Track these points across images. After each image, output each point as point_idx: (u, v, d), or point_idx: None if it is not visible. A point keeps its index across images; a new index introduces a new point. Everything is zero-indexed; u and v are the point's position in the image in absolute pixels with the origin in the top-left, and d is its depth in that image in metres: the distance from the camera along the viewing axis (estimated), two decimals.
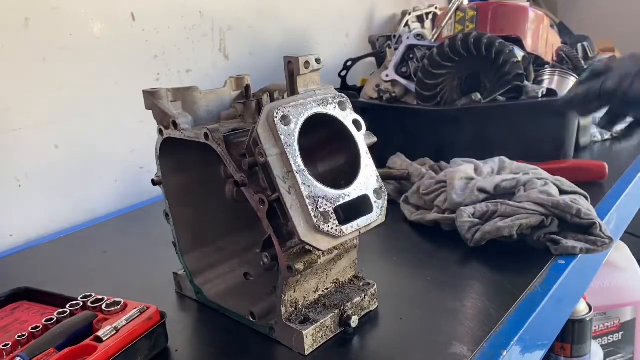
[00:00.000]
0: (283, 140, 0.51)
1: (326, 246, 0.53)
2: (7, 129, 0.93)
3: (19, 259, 0.89)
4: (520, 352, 0.58)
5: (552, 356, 1.01)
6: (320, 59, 0.57)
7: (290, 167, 0.50)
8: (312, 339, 0.57)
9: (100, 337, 0.52)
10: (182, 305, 0.70)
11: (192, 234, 0.70)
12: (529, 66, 1.16)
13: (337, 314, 0.59)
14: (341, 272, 0.63)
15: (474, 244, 0.76)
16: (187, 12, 1.19)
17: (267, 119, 0.51)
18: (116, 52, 1.07)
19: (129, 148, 1.12)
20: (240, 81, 0.68)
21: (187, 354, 0.60)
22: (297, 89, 0.56)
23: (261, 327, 0.61)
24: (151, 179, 0.67)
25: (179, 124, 0.60)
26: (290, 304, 0.58)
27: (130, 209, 1.10)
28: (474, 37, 1.08)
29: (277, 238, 0.55)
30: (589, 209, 0.76)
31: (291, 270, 0.54)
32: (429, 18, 1.68)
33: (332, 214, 0.52)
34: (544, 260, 0.72)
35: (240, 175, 0.55)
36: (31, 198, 0.97)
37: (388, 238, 0.84)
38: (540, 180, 0.83)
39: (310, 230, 0.51)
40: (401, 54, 1.22)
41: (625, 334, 1.29)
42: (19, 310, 0.63)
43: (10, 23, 0.92)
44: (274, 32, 1.41)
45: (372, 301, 0.64)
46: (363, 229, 0.55)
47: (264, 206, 0.53)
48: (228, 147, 0.56)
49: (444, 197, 0.86)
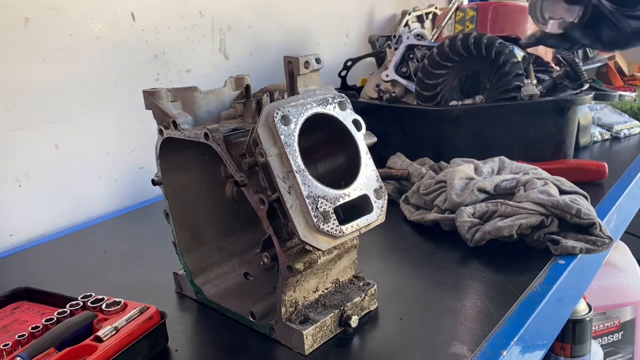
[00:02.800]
0: (283, 140, 0.51)
1: (326, 246, 0.53)
2: (7, 129, 0.93)
3: (19, 259, 0.89)
4: (520, 352, 0.58)
5: (552, 356, 1.01)
6: (320, 58, 0.57)
7: (290, 167, 0.50)
8: (312, 338, 0.57)
9: (100, 337, 0.52)
10: (182, 306, 0.70)
11: (192, 234, 0.70)
12: (528, 66, 1.16)
13: (337, 314, 0.59)
14: (341, 272, 0.63)
15: (474, 244, 0.76)
16: (187, 12, 1.19)
17: (267, 119, 0.51)
18: (116, 52, 1.07)
19: (129, 148, 1.12)
20: (240, 81, 0.68)
21: (187, 354, 0.60)
22: (297, 89, 0.56)
23: (261, 327, 0.61)
24: (151, 179, 0.67)
25: (179, 124, 0.60)
26: (290, 304, 0.58)
27: (130, 209, 1.10)
28: (474, 37, 1.08)
29: (277, 238, 0.55)
30: (589, 208, 0.76)
31: (291, 270, 0.54)
32: (429, 18, 1.68)
33: (332, 214, 0.52)
34: (544, 260, 0.72)
35: (240, 175, 0.55)
36: (31, 198, 0.97)
37: (388, 238, 0.84)
38: (540, 180, 0.83)
39: (310, 230, 0.51)
40: (401, 54, 1.22)
41: (625, 334, 1.29)
42: (19, 310, 0.63)
43: (10, 23, 0.92)
44: (274, 32, 1.41)
45: (372, 301, 0.64)
46: (363, 228, 0.55)
47: (264, 206, 0.53)
48: (228, 147, 0.56)
49: (443, 197, 0.86)
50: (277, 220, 0.54)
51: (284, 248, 0.55)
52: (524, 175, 0.87)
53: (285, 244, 0.55)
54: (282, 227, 0.55)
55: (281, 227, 0.55)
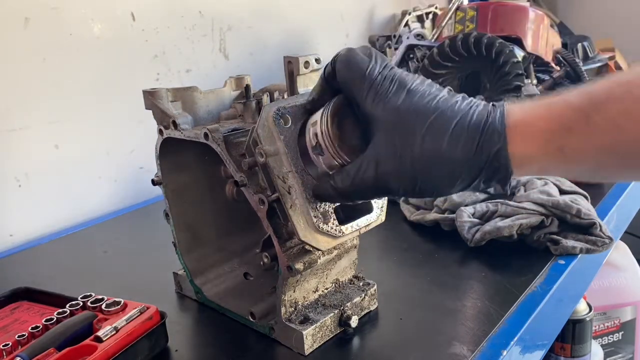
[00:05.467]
0: (283, 140, 0.51)
1: (326, 246, 0.53)
2: (7, 129, 0.93)
3: (19, 259, 0.89)
4: (520, 352, 0.58)
5: (552, 356, 1.01)
6: (320, 58, 0.57)
7: (290, 167, 0.50)
8: (312, 339, 0.57)
9: (100, 337, 0.52)
10: (182, 306, 0.70)
11: (192, 234, 0.70)
12: (529, 66, 1.16)
13: (336, 314, 0.59)
14: (341, 272, 0.63)
15: (474, 244, 0.76)
16: (187, 12, 1.19)
17: (266, 119, 0.51)
18: (116, 52, 1.07)
19: (128, 148, 1.12)
20: (240, 81, 0.68)
21: (187, 354, 0.60)
22: (297, 89, 0.56)
23: (261, 327, 0.61)
24: (151, 179, 0.67)
25: (178, 124, 0.60)
26: (290, 304, 0.58)
27: (130, 209, 1.10)
28: (474, 37, 1.08)
29: (276, 238, 0.55)
30: (589, 209, 0.76)
31: (291, 270, 0.54)
32: (429, 18, 1.68)
33: (332, 214, 0.52)
34: (544, 260, 0.72)
35: (240, 175, 0.55)
36: (31, 198, 0.97)
37: (388, 238, 0.84)
38: (540, 180, 0.83)
39: (310, 230, 0.51)
40: (401, 54, 1.22)
41: (625, 334, 1.29)
42: (19, 310, 0.63)
43: (10, 23, 0.92)
44: (274, 32, 1.41)
45: (372, 301, 0.64)
46: (363, 228, 0.55)
47: (264, 206, 0.53)
48: (228, 147, 0.56)
49: (443, 197, 0.86)
50: (276, 221, 0.54)
51: (284, 248, 0.55)
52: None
53: (285, 244, 0.55)
54: (281, 227, 0.55)
55: (281, 227, 0.55)
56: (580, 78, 1.14)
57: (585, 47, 1.45)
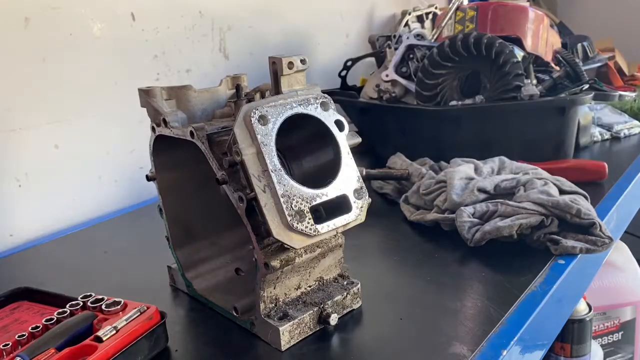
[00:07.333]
0: (259, 140, 0.51)
1: (300, 244, 0.53)
2: (7, 129, 0.93)
3: (19, 259, 0.89)
4: (520, 352, 0.58)
5: (552, 356, 1.01)
6: (305, 59, 0.58)
7: (265, 166, 0.51)
8: (289, 335, 0.57)
9: (100, 337, 0.52)
10: (182, 306, 0.70)
11: (185, 229, 0.71)
12: (529, 66, 1.16)
13: (316, 311, 0.59)
14: (325, 270, 0.63)
15: (474, 243, 0.76)
16: (187, 12, 1.19)
17: (244, 119, 0.52)
18: (116, 52, 1.07)
19: (128, 148, 1.12)
20: (236, 80, 0.68)
21: (187, 354, 0.60)
22: (281, 89, 0.57)
23: (243, 322, 0.61)
24: (145, 175, 0.68)
25: (168, 121, 0.61)
26: (270, 300, 0.58)
27: (130, 208, 1.10)
28: (474, 37, 1.08)
29: (255, 235, 0.55)
30: (588, 208, 0.76)
31: (267, 267, 0.55)
32: (429, 18, 1.68)
33: (308, 213, 0.53)
34: (544, 260, 0.72)
35: (222, 173, 0.55)
36: (31, 198, 0.97)
37: (388, 238, 0.84)
38: (540, 180, 0.83)
39: (284, 228, 0.52)
40: (401, 54, 1.22)
41: (625, 334, 1.29)
42: (19, 310, 0.63)
43: (10, 23, 0.92)
44: (274, 32, 1.41)
45: (355, 300, 0.64)
46: (340, 228, 0.56)
47: (243, 204, 0.54)
48: (211, 145, 0.57)
49: (443, 197, 0.86)
50: (255, 218, 0.55)
51: (262, 245, 0.55)
52: (524, 175, 0.87)
53: (263, 241, 0.56)
54: (260, 224, 0.55)
55: (259, 225, 0.55)
56: (580, 78, 1.14)
57: (585, 47, 1.45)
